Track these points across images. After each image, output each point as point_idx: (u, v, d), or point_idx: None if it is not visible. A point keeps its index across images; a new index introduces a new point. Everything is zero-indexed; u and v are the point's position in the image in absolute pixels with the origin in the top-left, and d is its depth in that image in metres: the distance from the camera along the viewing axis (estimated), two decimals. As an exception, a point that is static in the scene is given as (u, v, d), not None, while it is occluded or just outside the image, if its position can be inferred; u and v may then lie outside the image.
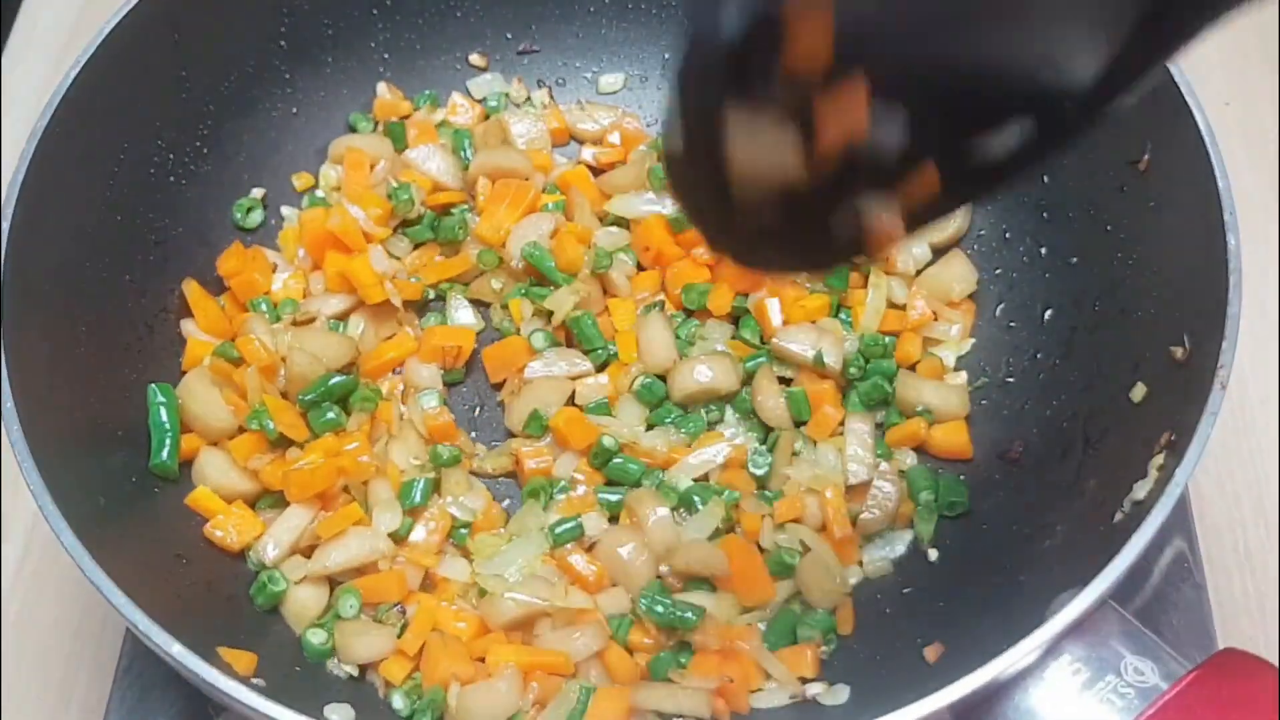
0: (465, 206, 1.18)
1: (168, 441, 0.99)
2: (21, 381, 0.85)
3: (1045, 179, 1.09)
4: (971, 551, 1.01)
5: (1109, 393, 0.96)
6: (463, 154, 1.20)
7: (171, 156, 1.09)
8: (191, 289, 1.08)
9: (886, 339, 1.10)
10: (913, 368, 1.10)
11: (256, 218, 1.16)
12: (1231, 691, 0.75)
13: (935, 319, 1.12)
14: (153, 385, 1.01)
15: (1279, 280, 1.20)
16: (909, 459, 1.06)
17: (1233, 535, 1.09)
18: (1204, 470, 1.11)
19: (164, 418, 1.00)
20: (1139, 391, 0.93)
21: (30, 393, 0.86)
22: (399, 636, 0.96)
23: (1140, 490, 0.85)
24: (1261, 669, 0.76)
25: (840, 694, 0.93)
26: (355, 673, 0.95)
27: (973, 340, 1.12)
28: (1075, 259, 1.06)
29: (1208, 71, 1.34)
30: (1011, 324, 1.11)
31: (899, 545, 1.03)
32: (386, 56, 1.23)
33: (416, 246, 1.16)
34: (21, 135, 0.94)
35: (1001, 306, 1.12)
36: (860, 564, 1.02)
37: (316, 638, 0.95)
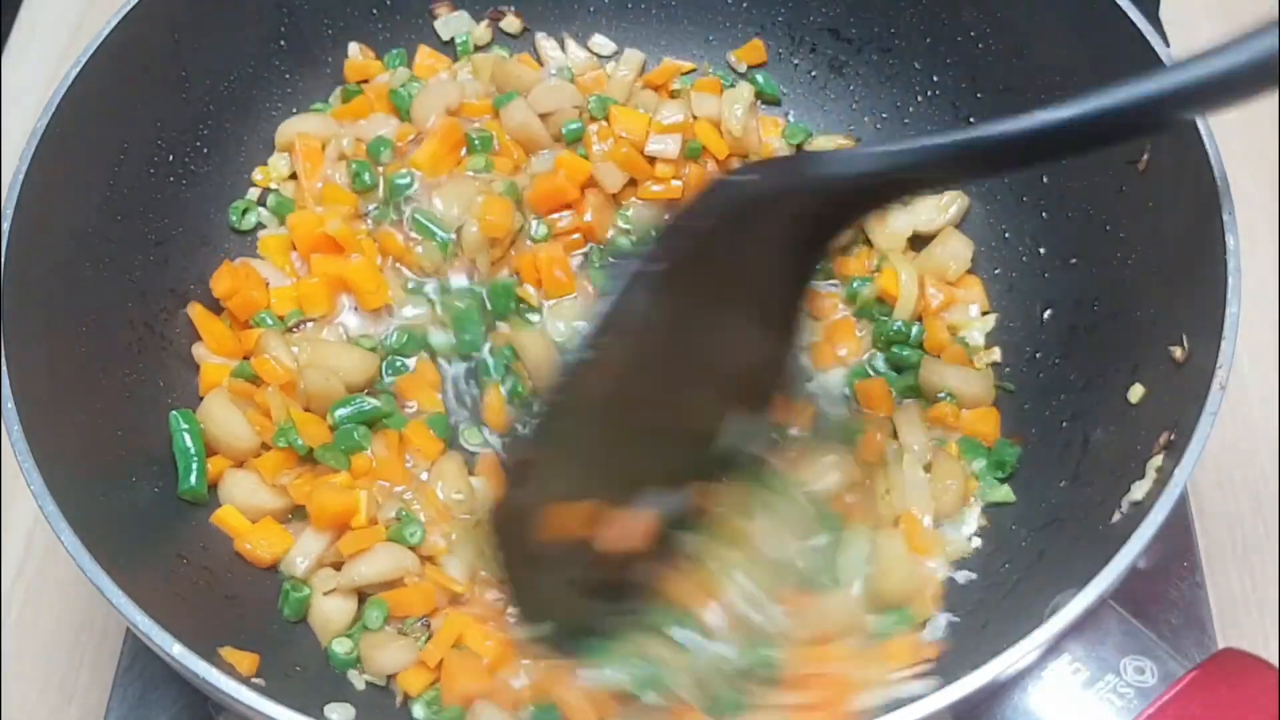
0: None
1: (194, 466, 0.99)
2: (21, 381, 0.85)
3: (1044, 179, 1.09)
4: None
5: (1108, 393, 0.96)
6: (404, 114, 1.17)
7: (171, 157, 1.09)
8: (196, 313, 1.07)
9: (914, 329, 1.09)
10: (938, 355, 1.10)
11: (253, 219, 1.15)
12: (1231, 691, 0.75)
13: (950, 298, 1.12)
14: (174, 412, 1.00)
15: (1279, 280, 1.20)
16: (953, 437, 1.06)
17: (1232, 535, 1.09)
18: (1203, 470, 1.11)
19: (188, 443, 0.99)
20: (1137, 392, 0.93)
21: (30, 393, 0.86)
22: (422, 649, 0.95)
23: (1139, 491, 0.85)
24: (1261, 669, 0.76)
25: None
26: (382, 683, 0.95)
27: (996, 314, 1.12)
28: (1074, 259, 1.06)
29: (1207, 71, 1.34)
30: (1010, 324, 1.11)
31: (969, 524, 1.02)
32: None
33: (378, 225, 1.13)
34: (21, 135, 0.94)
35: (1000, 306, 1.12)
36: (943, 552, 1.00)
37: (342, 647, 0.95)
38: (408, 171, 1.12)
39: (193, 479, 0.99)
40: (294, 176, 1.16)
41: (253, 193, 1.16)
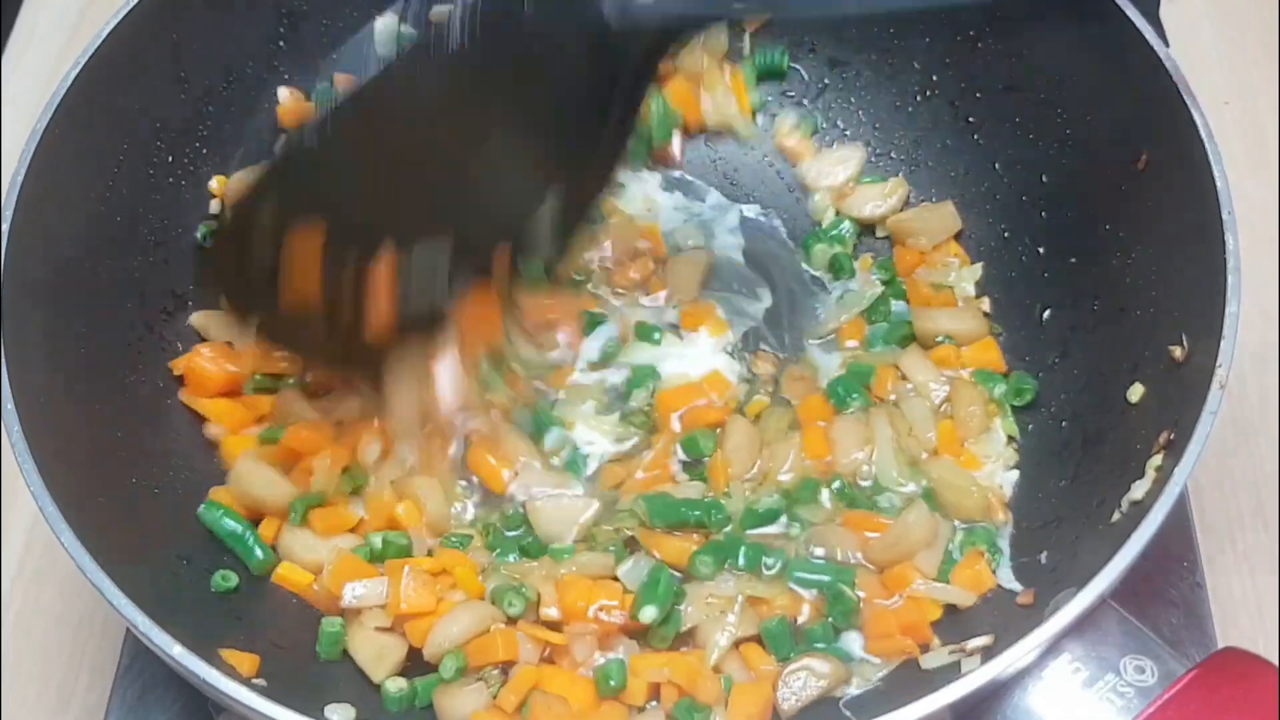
0: None
1: (252, 544, 0.97)
2: (21, 382, 0.85)
3: (1044, 178, 1.09)
4: (971, 551, 1.01)
5: (1107, 392, 0.96)
6: None
7: (171, 157, 1.09)
8: (191, 400, 1.04)
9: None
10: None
11: None
12: (1230, 691, 0.75)
13: (924, 259, 1.14)
14: (201, 508, 0.98)
15: (1279, 280, 1.20)
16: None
17: (1232, 535, 1.09)
18: (1203, 469, 1.11)
19: (232, 526, 0.97)
20: (1136, 391, 0.93)
21: (30, 393, 0.86)
22: (495, 694, 0.91)
23: (1139, 490, 0.85)
24: (1260, 668, 0.76)
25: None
26: None
27: (981, 263, 1.13)
28: (1074, 259, 1.06)
29: (1207, 71, 1.34)
30: (1010, 323, 1.11)
31: (999, 437, 1.04)
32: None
33: None
34: (21, 135, 0.94)
35: (999, 306, 1.12)
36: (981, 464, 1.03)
37: (395, 686, 0.91)
38: None
39: (257, 554, 0.96)
40: None
41: (214, 205, 1.13)
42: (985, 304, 1.12)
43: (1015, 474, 1.03)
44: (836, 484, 1.01)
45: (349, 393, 1.04)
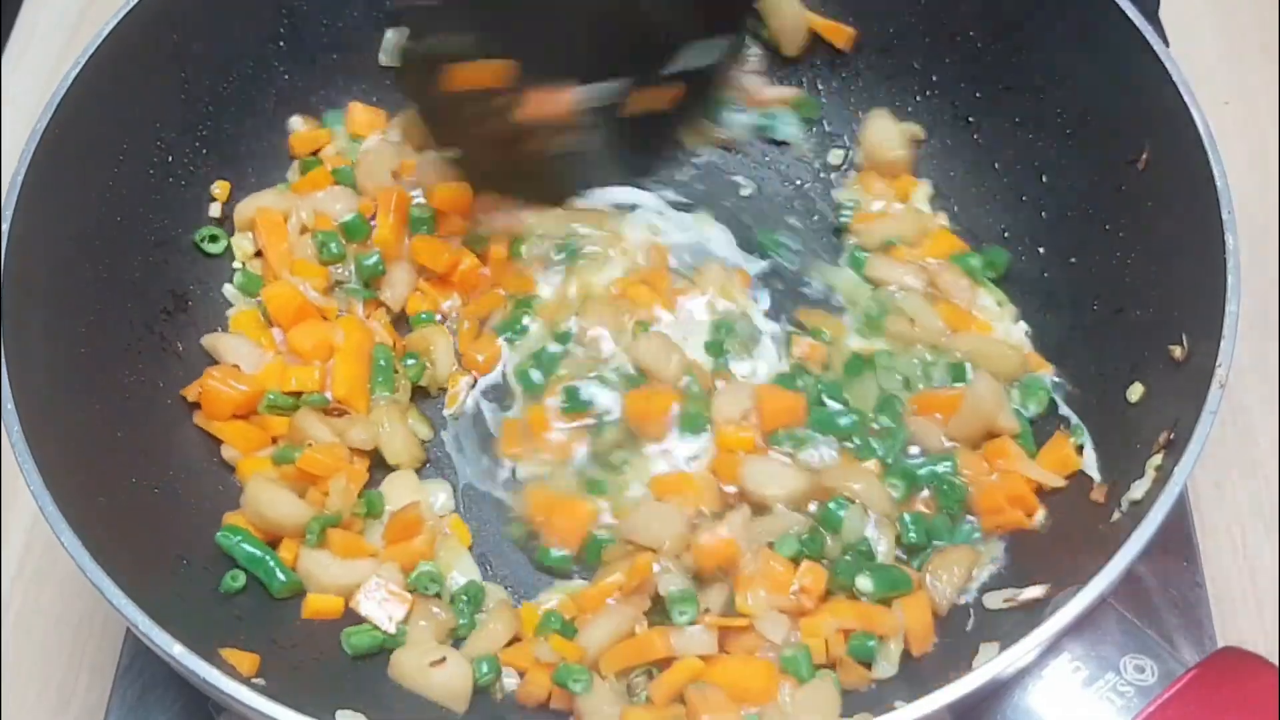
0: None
1: (274, 566, 0.96)
2: (21, 381, 0.85)
3: (1044, 178, 1.09)
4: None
5: (1107, 392, 0.97)
6: (353, 186, 1.15)
7: (171, 157, 1.09)
8: (205, 423, 1.04)
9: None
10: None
11: (219, 245, 1.12)
12: (1230, 690, 0.75)
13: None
14: (219, 534, 0.97)
15: (1279, 280, 1.20)
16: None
17: (1231, 534, 1.09)
18: (1203, 469, 1.11)
19: (252, 550, 0.96)
20: (1136, 391, 0.93)
21: (30, 393, 0.86)
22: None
23: (1138, 490, 0.85)
24: (1260, 667, 0.76)
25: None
26: None
27: (928, 179, 1.16)
28: (1073, 258, 1.06)
29: (1208, 71, 1.34)
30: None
31: (990, 304, 1.08)
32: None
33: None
34: (21, 135, 0.94)
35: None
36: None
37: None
38: (373, 251, 1.10)
39: (280, 577, 0.96)
40: (259, 254, 1.13)
41: (214, 210, 1.13)
42: (942, 219, 1.14)
43: (1023, 325, 1.07)
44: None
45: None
